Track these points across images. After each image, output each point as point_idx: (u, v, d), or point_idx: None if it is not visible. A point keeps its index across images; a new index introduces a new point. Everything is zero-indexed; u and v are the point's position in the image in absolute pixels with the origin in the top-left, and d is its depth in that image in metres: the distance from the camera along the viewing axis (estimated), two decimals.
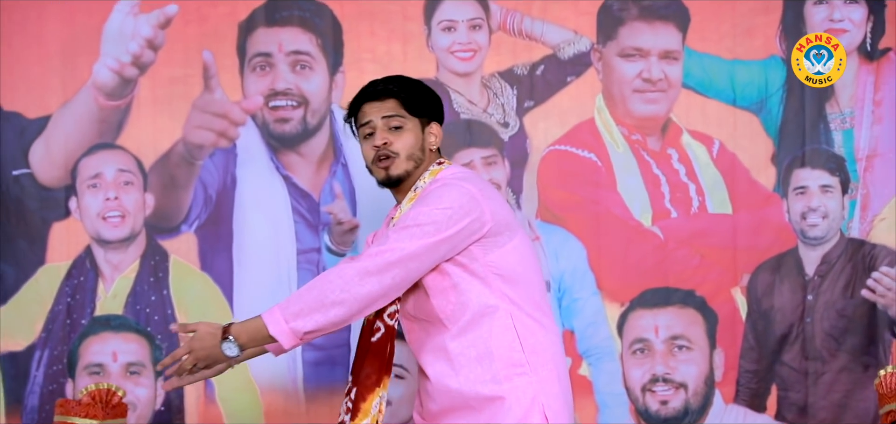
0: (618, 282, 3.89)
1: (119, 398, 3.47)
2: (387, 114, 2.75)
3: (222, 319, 3.63)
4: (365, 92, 2.80)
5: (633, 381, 3.89)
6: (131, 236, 3.93)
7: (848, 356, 3.85)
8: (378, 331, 2.74)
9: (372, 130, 2.76)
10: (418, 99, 2.79)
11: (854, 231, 3.87)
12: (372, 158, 2.77)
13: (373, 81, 2.82)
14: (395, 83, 2.79)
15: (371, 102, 2.77)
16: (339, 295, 2.57)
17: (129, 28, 3.88)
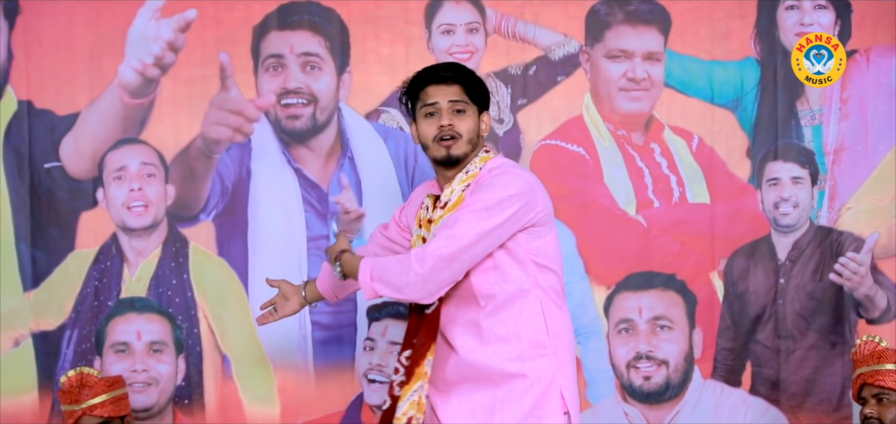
0: (604, 267, 3.94)
1: (94, 377, 3.47)
2: (453, 98, 2.79)
3: (238, 299, 4.00)
4: (430, 75, 2.81)
5: (619, 358, 3.93)
6: (154, 225, 3.97)
7: (817, 335, 3.90)
8: (432, 305, 2.85)
9: (436, 110, 2.79)
10: (478, 88, 2.85)
11: (822, 220, 3.90)
12: (434, 136, 2.80)
13: (439, 65, 2.85)
14: (460, 70, 2.83)
15: (437, 85, 2.80)
16: (416, 280, 2.71)
17: (152, 32, 3.91)
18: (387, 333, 3.95)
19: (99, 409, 3.47)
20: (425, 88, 2.81)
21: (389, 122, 3.98)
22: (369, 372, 3.96)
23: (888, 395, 3.22)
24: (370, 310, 3.96)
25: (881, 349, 3.24)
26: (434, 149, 2.82)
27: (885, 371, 3.20)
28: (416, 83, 2.84)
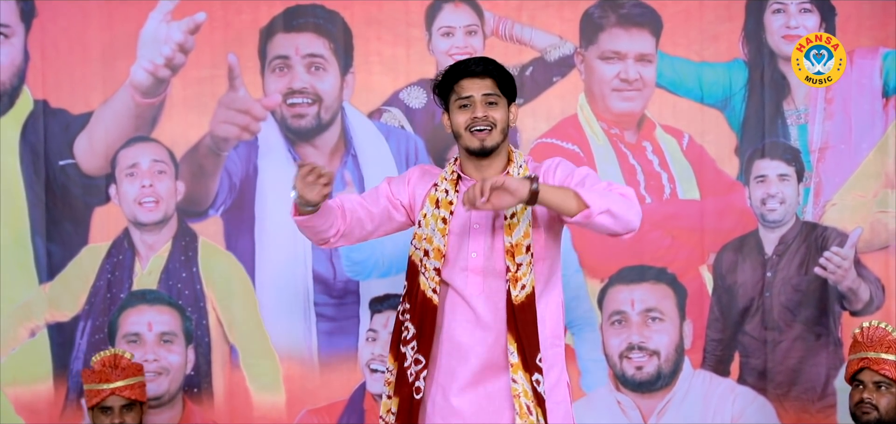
0: (598, 261, 3.96)
1: (127, 360, 3.56)
2: (486, 91, 2.85)
3: (245, 291, 4.00)
4: (464, 68, 2.86)
5: (612, 349, 3.96)
6: (164, 220, 4.00)
7: (802, 327, 3.93)
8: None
9: (469, 103, 2.84)
10: (508, 81, 2.90)
11: (808, 215, 3.93)
12: (467, 125, 2.84)
13: (471, 60, 2.90)
14: (492, 65, 2.89)
15: (471, 79, 2.84)
16: (638, 215, 2.79)
17: (163, 34, 3.94)
18: (388, 324, 3.94)
19: (128, 391, 3.53)
20: (459, 81, 2.86)
21: (391, 121, 4.00)
22: (372, 362, 3.99)
23: (889, 385, 3.24)
24: (372, 302, 4.00)
25: (892, 338, 3.25)
26: (467, 138, 2.87)
27: (892, 362, 3.23)
28: (449, 76, 2.88)
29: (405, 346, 2.91)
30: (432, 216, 2.91)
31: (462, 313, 2.88)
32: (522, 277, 2.81)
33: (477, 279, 2.86)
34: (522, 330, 2.81)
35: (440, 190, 2.94)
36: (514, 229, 2.83)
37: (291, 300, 3.99)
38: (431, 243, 2.87)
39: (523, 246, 2.82)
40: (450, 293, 2.89)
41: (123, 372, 3.56)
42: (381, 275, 3.98)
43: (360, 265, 3.97)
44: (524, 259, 2.81)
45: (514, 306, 2.80)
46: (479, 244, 2.87)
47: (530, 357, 2.81)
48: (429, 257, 2.87)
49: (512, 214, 2.82)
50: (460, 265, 2.88)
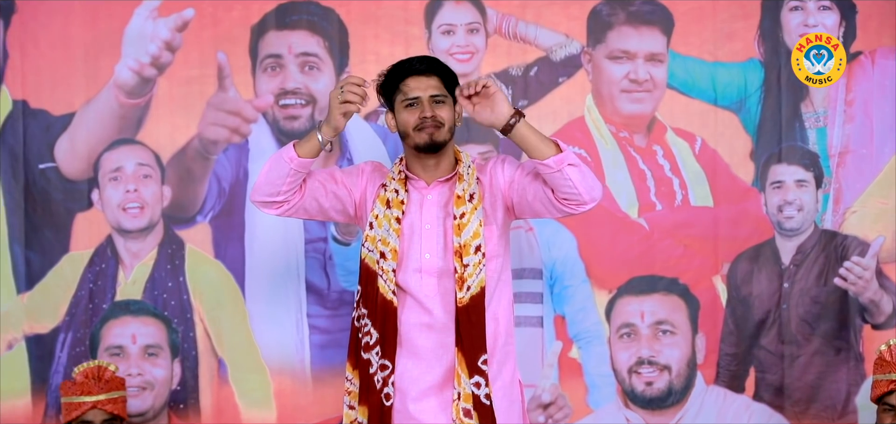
0: (606, 270, 3.94)
1: (111, 372, 3.54)
2: (433, 91, 2.88)
3: (234, 302, 3.97)
4: (409, 67, 2.90)
5: (621, 363, 3.93)
6: (150, 226, 3.96)
7: (821, 341, 3.90)
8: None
9: (416, 102, 2.88)
10: (453, 80, 2.95)
11: (827, 223, 3.90)
12: (415, 125, 2.88)
13: (415, 58, 2.93)
14: (437, 63, 2.93)
15: (416, 78, 2.89)
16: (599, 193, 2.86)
17: (149, 31, 3.91)
18: None
19: (111, 405, 3.52)
20: (405, 80, 2.89)
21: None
22: None
23: None
24: None
25: None
26: (416, 137, 2.89)
27: None
28: (394, 76, 2.91)
29: (368, 352, 2.91)
30: (384, 217, 2.94)
31: (418, 316, 2.91)
32: (469, 277, 2.84)
33: (431, 281, 2.89)
34: (465, 332, 2.84)
35: (390, 190, 2.96)
36: (463, 229, 2.87)
37: (283, 312, 3.97)
38: (387, 244, 2.90)
39: (472, 246, 2.86)
40: (406, 297, 2.92)
41: (107, 385, 3.54)
42: None
43: (355, 275, 3.41)
44: (473, 260, 2.85)
45: (458, 308, 2.84)
46: (432, 244, 2.91)
47: (471, 361, 2.84)
48: (385, 260, 2.89)
49: (461, 213, 2.86)
50: (413, 266, 2.91)
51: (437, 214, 2.94)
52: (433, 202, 2.95)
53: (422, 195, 2.96)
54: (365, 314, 2.94)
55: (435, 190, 2.95)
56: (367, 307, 2.93)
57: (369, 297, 2.93)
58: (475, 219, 2.89)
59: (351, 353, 2.99)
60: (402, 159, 3.00)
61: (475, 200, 2.91)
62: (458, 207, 2.90)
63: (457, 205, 2.92)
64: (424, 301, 2.91)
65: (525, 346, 3.76)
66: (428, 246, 2.93)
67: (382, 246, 2.91)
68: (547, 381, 3.91)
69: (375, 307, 2.91)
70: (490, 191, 2.95)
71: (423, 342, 2.91)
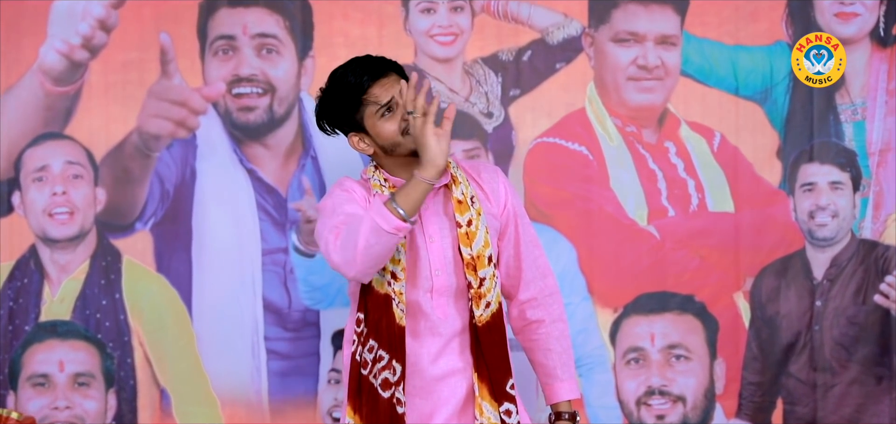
0: (610, 286, 3.91)
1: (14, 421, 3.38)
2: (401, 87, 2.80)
3: (179, 323, 3.92)
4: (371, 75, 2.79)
5: (627, 394, 3.90)
6: (80, 235, 3.91)
7: (859, 368, 3.87)
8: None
9: (392, 105, 2.77)
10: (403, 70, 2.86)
11: (866, 232, 3.88)
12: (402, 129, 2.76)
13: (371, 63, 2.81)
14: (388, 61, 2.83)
15: (379, 82, 2.78)
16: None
17: (80, 7, 3.87)
18: None
19: None
20: (369, 89, 2.79)
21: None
22: (334, 409, 3.91)
23: None
24: (336, 337, 3.92)
25: None
26: (408, 142, 2.77)
27: None
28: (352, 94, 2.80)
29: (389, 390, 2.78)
30: None
31: (430, 341, 2.83)
32: (487, 293, 2.80)
33: (442, 301, 2.82)
34: (488, 354, 2.79)
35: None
36: (473, 238, 2.80)
37: (236, 334, 3.93)
38: (397, 262, 2.81)
39: (485, 257, 2.81)
40: (416, 320, 2.84)
41: None
42: (347, 303, 3.65)
43: (320, 292, 3.92)
44: (487, 272, 2.80)
45: (478, 327, 2.79)
46: (439, 259, 2.82)
47: (499, 385, 2.79)
48: (397, 280, 2.80)
49: (468, 220, 2.81)
50: (423, 285, 2.82)
51: (437, 224, 2.83)
52: (431, 212, 2.83)
53: None
54: (376, 346, 2.80)
55: (429, 198, 2.81)
56: (379, 338, 2.80)
57: (383, 326, 2.81)
58: (482, 225, 2.81)
59: (352, 395, 2.83)
60: (378, 168, 2.89)
61: (477, 203, 2.83)
62: (461, 213, 2.81)
63: (459, 211, 2.82)
64: (439, 325, 2.81)
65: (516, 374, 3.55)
66: (437, 263, 2.82)
67: (392, 265, 2.79)
68: (543, 414, 3.75)
69: (393, 336, 2.80)
70: (487, 199, 2.88)
71: (434, 373, 2.82)
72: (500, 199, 2.90)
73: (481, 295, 2.80)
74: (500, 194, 2.90)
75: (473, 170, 2.93)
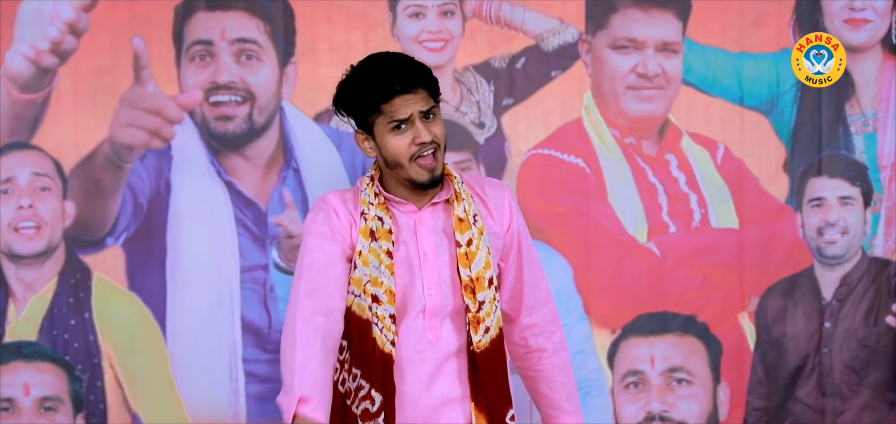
0: (608, 306, 3.89)
1: None
2: (423, 107, 2.76)
3: (152, 344, 3.91)
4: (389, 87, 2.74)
5: (626, 419, 3.89)
6: (48, 251, 3.88)
7: (871, 393, 3.86)
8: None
9: (407, 124, 2.75)
10: (437, 84, 2.82)
11: (878, 249, 3.88)
12: (410, 154, 2.75)
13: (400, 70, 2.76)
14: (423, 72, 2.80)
15: (404, 96, 2.75)
16: None
17: (48, 10, 3.83)
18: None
19: None
20: (390, 100, 2.77)
21: (344, 125, 3.80)
22: None
23: None
24: None
25: None
26: (414, 170, 2.78)
27: None
28: (375, 95, 2.76)
29: (370, 421, 2.80)
30: (371, 253, 2.81)
31: (422, 368, 2.83)
32: (486, 317, 2.80)
33: (435, 322, 2.82)
34: (487, 383, 2.80)
35: (371, 219, 2.83)
36: (472, 259, 2.80)
37: (213, 356, 3.91)
38: (380, 285, 2.80)
39: (485, 279, 2.81)
40: (407, 346, 2.83)
41: None
42: None
43: None
44: (487, 295, 2.80)
45: (476, 354, 2.79)
46: (433, 279, 2.82)
47: (498, 416, 2.81)
48: (379, 304, 2.79)
49: (468, 240, 2.81)
50: (415, 306, 2.82)
51: (434, 241, 2.83)
52: (428, 228, 2.83)
53: (413, 221, 2.85)
54: (358, 374, 2.81)
55: (426, 212, 2.84)
56: (360, 366, 2.81)
57: (364, 353, 2.81)
58: (484, 245, 2.80)
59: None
60: (374, 179, 2.90)
61: (479, 222, 2.82)
62: (461, 232, 2.80)
63: (460, 230, 2.81)
64: (429, 350, 2.81)
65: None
66: (430, 282, 2.82)
67: (374, 288, 2.79)
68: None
69: (373, 364, 2.79)
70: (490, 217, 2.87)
71: (428, 401, 2.82)
72: (505, 218, 2.88)
73: (480, 320, 2.78)
74: (504, 213, 2.88)
75: (477, 185, 2.93)
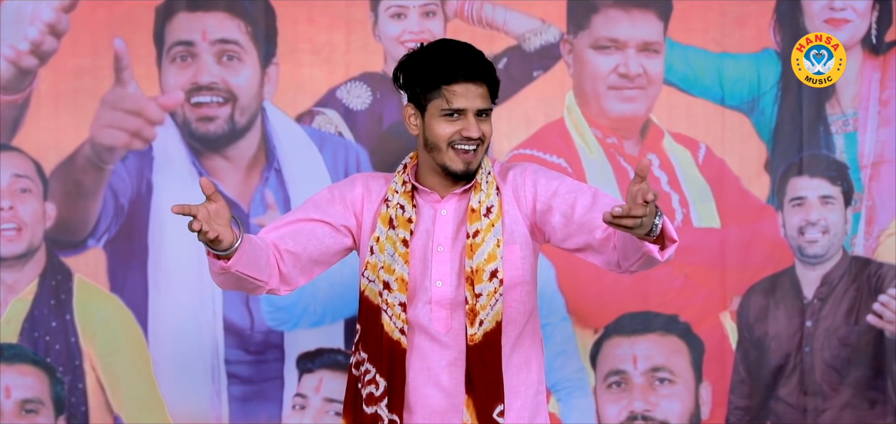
0: (591, 306, 3.92)
1: None
2: (482, 105, 2.77)
3: (134, 345, 3.92)
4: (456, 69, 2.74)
5: (609, 419, 3.90)
6: (28, 253, 3.90)
7: (852, 391, 3.87)
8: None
9: (461, 115, 2.76)
10: (497, 88, 2.83)
11: (858, 248, 3.89)
12: (452, 140, 2.76)
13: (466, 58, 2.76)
14: (490, 69, 2.81)
15: (467, 84, 2.75)
16: None
17: (28, 11, 3.85)
18: (321, 387, 3.94)
19: None
20: (453, 84, 2.76)
21: (326, 125, 3.94)
22: None
23: None
24: (301, 360, 3.94)
25: None
26: (449, 157, 2.78)
27: None
28: (438, 72, 2.76)
29: (373, 405, 2.81)
30: (387, 240, 2.83)
31: (430, 358, 2.83)
32: (481, 310, 2.79)
33: (443, 314, 2.81)
34: (477, 377, 2.78)
35: (393, 206, 2.84)
36: (476, 250, 2.79)
37: (195, 357, 3.93)
38: (392, 272, 2.81)
39: (486, 272, 2.79)
40: (416, 334, 2.84)
41: None
42: (313, 324, 3.93)
43: (284, 312, 3.92)
44: (487, 288, 2.78)
45: (469, 346, 2.78)
46: (444, 270, 2.81)
47: (484, 412, 2.78)
48: (390, 291, 2.81)
49: (475, 231, 2.80)
50: (423, 296, 2.82)
51: (451, 232, 2.83)
52: (448, 219, 2.83)
53: (434, 211, 2.85)
54: (366, 358, 2.84)
55: (450, 203, 2.84)
56: (368, 350, 2.84)
57: (371, 338, 2.84)
58: (491, 238, 2.78)
59: (347, 407, 2.88)
60: (407, 167, 2.91)
61: (493, 214, 2.80)
62: (471, 223, 2.80)
63: (471, 221, 2.82)
64: (437, 339, 2.81)
65: None
66: (440, 272, 2.82)
67: (386, 275, 2.81)
68: None
69: (380, 349, 2.82)
70: (513, 203, 2.85)
71: (433, 391, 2.82)
72: (528, 196, 2.84)
73: (476, 311, 2.77)
74: (526, 191, 2.84)
75: (502, 174, 2.89)
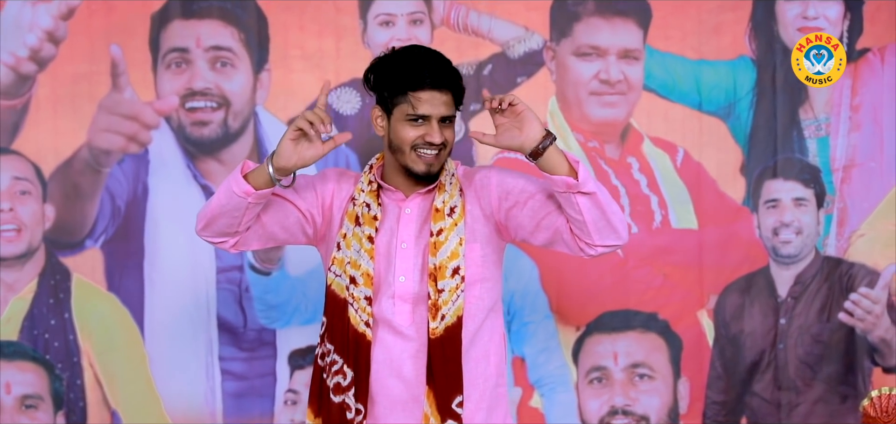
0: (573, 304, 3.91)
1: None
2: (445, 112, 2.80)
3: (130, 343, 3.90)
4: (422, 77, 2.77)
5: (590, 413, 3.89)
6: (28, 253, 3.88)
7: (824, 386, 3.88)
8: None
9: (424, 121, 2.79)
10: (462, 95, 2.86)
11: (830, 249, 3.90)
12: (414, 144, 2.79)
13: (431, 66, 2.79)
14: (455, 78, 2.83)
15: (431, 91, 2.78)
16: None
17: (27, 18, 3.83)
18: None
19: None
20: (418, 90, 2.80)
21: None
22: None
23: None
24: (293, 356, 3.93)
25: None
26: (411, 159, 2.82)
27: None
28: (402, 80, 2.80)
29: (340, 395, 2.84)
30: (354, 236, 2.88)
31: (393, 350, 2.86)
32: (443, 305, 2.82)
33: (406, 308, 2.85)
34: (437, 369, 2.80)
35: (359, 204, 2.89)
36: (439, 248, 2.83)
37: (190, 354, 3.92)
38: (358, 267, 2.86)
39: (448, 269, 2.82)
40: (380, 328, 2.87)
41: None
42: (304, 322, 3.92)
43: (276, 310, 3.91)
44: (449, 284, 2.82)
45: (430, 339, 2.81)
46: (408, 266, 2.85)
47: (443, 403, 2.81)
48: (356, 285, 2.85)
49: (438, 230, 2.83)
50: (387, 291, 2.86)
51: (414, 230, 2.87)
52: (411, 217, 2.88)
53: (399, 209, 2.89)
54: (332, 350, 2.87)
55: (414, 202, 2.88)
56: (334, 342, 2.87)
57: (338, 330, 2.87)
58: (454, 236, 2.82)
59: (313, 397, 2.91)
60: (373, 167, 2.95)
61: (456, 214, 2.85)
62: (435, 221, 2.84)
63: (434, 220, 2.86)
64: (400, 332, 2.85)
65: None
66: (403, 268, 2.85)
67: (352, 270, 2.85)
68: None
69: (346, 341, 2.85)
70: (476, 204, 2.88)
71: (395, 382, 2.85)
72: (492, 197, 2.86)
73: (438, 307, 2.80)
74: (491, 192, 2.86)
75: (467, 178, 2.92)
